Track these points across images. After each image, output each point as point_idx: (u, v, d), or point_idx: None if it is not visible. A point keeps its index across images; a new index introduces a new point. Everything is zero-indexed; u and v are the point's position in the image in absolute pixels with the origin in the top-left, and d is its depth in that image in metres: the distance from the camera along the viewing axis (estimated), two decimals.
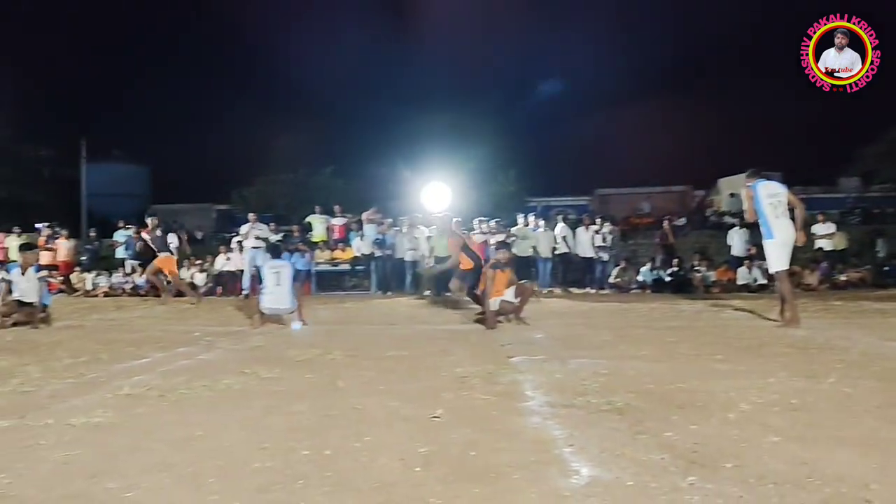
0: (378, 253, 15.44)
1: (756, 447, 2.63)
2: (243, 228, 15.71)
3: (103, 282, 16.86)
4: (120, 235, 18.32)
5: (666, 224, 17.08)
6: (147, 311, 10.73)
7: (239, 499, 2.14)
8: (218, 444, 2.79)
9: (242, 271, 15.71)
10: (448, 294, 13.33)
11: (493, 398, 3.62)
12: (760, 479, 2.26)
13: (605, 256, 15.27)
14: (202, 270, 17.16)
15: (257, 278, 12.23)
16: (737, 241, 15.41)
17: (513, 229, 15.30)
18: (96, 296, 16.04)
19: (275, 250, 8.31)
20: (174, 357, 5.31)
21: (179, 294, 12.73)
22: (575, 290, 15.00)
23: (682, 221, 22.66)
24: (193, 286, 11.38)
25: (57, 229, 18.29)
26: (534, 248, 15.08)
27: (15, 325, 7.76)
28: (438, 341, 6.15)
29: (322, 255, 16.44)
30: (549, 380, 4.12)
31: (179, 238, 12.27)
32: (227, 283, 16.58)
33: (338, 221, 17.25)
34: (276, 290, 7.60)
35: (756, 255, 13.76)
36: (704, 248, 17.75)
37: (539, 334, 6.61)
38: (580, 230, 15.59)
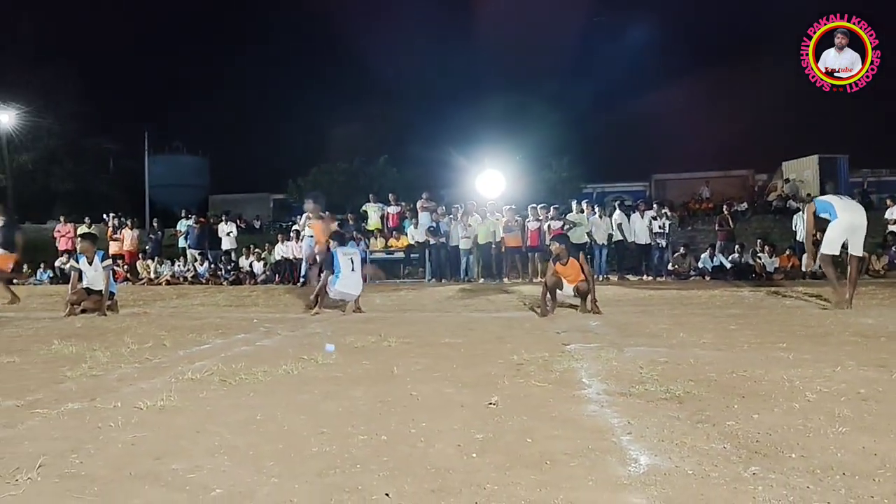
0: (432, 240, 15.50)
1: (822, 437, 2.54)
2: (301, 218, 15.95)
3: (166, 270, 17.42)
4: (182, 225, 18.87)
5: (726, 209, 16.65)
6: (207, 298, 11.03)
7: (298, 481, 2.17)
8: (277, 427, 2.84)
9: (300, 259, 16.00)
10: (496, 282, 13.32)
11: (549, 385, 3.59)
12: (827, 471, 2.18)
13: (663, 243, 14.99)
14: (260, 259, 17.54)
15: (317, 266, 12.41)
16: (801, 226, 14.93)
17: (568, 216, 15.15)
18: (159, 284, 16.59)
19: (341, 238, 8.41)
20: (234, 343, 5.44)
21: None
22: (631, 278, 14.79)
23: (743, 206, 22.04)
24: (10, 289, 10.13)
25: (122, 220, 18.93)
26: (589, 234, 14.92)
27: (84, 311, 8.08)
28: (493, 328, 6.14)
29: (376, 244, 16.60)
30: (605, 367, 4.06)
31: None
32: (283, 271, 16.93)
33: (392, 209, 17.38)
34: (351, 276, 7.76)
35: (822, 240, 13.31)
36: (767, 234, 17.26)
37: (595, 322, 6.53)
38: (636, 216, 15.33)
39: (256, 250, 17.83)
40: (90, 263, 8.24)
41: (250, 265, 17.35)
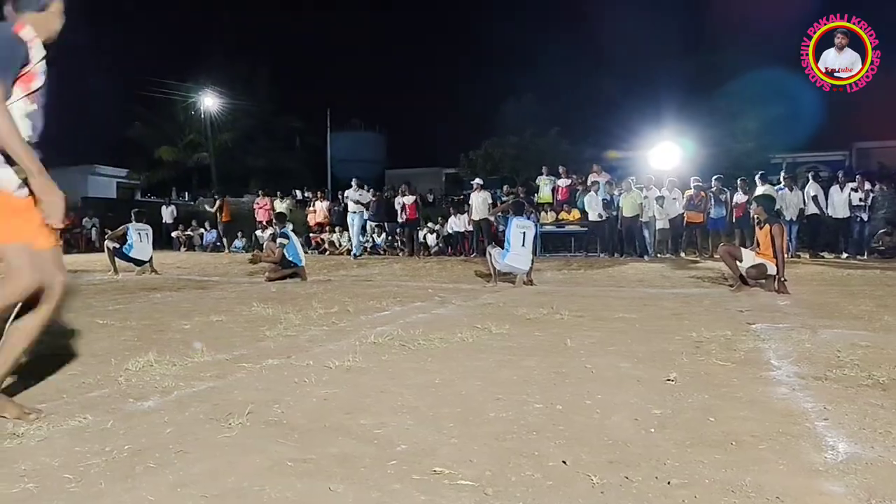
0: (605, 214, 15.10)
1: None
2: (473, 195, 16.26)
3: (346, 241, 18.44)
4: (365, 198, 19.90)
5: None
6: (385, 268, 11.57)
7: (477, 444, 2.25)
8: (455, 391, 2.95)
9: (472, 232, 16.38)
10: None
11: (732, 365, 3.41)
12: None
13: (864, 217, 13.52)
14: (432, 231, 18.08)
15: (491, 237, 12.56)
16: None
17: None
18: (341, 254, 17.61)
19: (519, 208, 8.43)
20: (411, 311, 5.68)
21: None
22: (827, 256, 13.56)
23: None
24: None
25: (312, 194, 20.27)
26: (778, 209, 13.77)
27: (281, 278, 8.86)
28: (670, 305, 5.92)
29: (547, 217, 16.49)
30: (797, 349, 3.78)
31: None
32: (455, 243, 17.35)
33: (563, 182, 17.14)
34: (521, 251, 7.76)
35: None
36: None
37: (784, 301, 6.08)
38: (834, 189, 13.89)
39: (430, 224, 18.40)
40: (274, 239, 9.18)
41: (424, 237, 17.95)
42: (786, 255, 7.42)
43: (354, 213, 15.55)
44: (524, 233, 7.77)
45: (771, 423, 2.41)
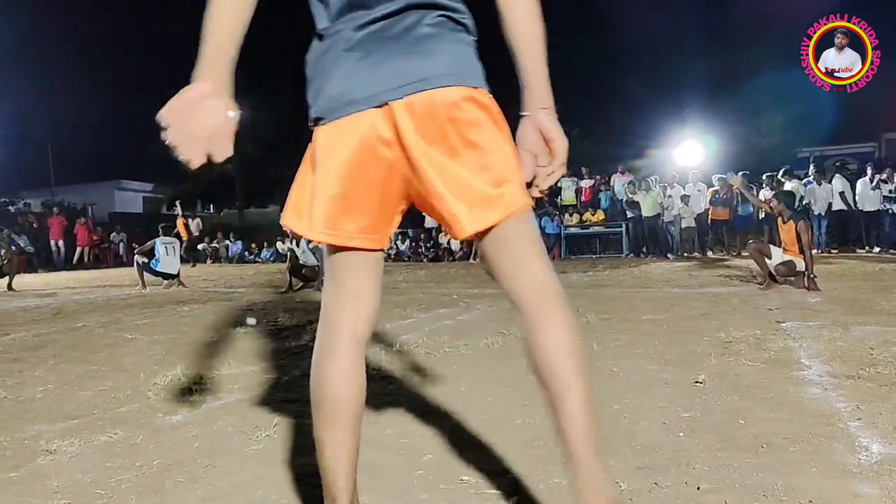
0: (629, 213, 15.00)
1: None
2: None
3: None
4: None
5: None
6: (409, 275, 11.59)
7: (504, 451, 2.23)
8: (482, 398, 2.94)
9: None
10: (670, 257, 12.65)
11: (761, 365, 3.36)
12: None
13: (895, 209, 13.26)
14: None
15: None
16: None
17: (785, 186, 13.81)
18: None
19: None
20: (436, 317, 5.68)
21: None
22: (858, 251, 13.32)
23: None
24: None
25: None
26: (806, 205, 13.56)
27: (303, 287, 8.91)
28: (697, 304, 5.85)
29: (571, 219, 16.41)
30: (828, 347, 3.72)
31: None
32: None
33: (585, 183, 17.07)
34: None
35: None
36: None
37: (815, 298, 5.98)
38: (863, 181, 13.64)
39: None
40: (297, 245, 9.08)
41: (448, 242, 17.97)
42: (815, 251, 7.32)
43: None
44: None
45: (802, 425, 2.37)
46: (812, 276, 6.55)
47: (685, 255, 14.25)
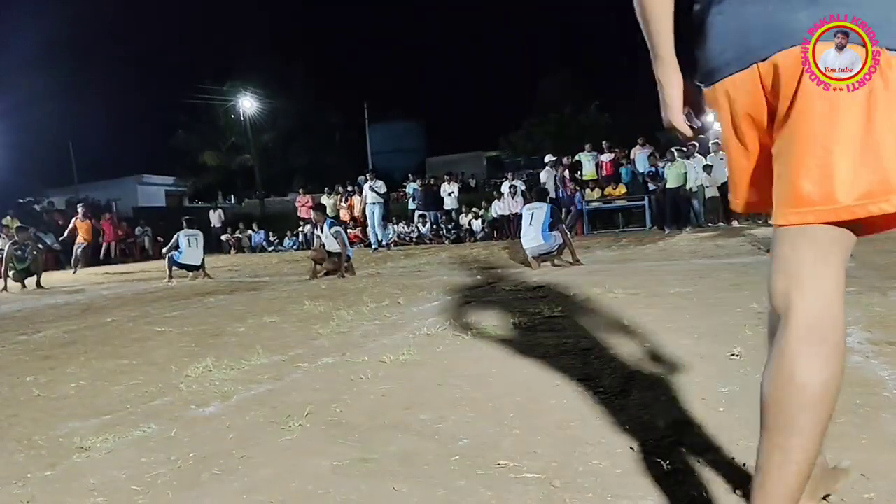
0: (652, 186, 14.81)
1: None
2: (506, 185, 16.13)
3: (391, 233, 18.52)
4: (409, 188, 20.04)
5: None
6: (432, 257, 11.56)
7: (540, 434, 2.20)
8: (513, 380, 2.90)
9: (517, 215, 16.25)
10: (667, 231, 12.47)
11: None
12: None
13: None
14: (477, 217, 18.01)
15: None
16: None
17: None
18: (386, 246, 17.68)
19: (542, 194, 8.50)
20: (461, 299, 5.64)
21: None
22: None
23: None
24: None
25: (350, 188, 20.44)
26: None
27: (327, 274, 8.90)
28: (726, 276, 5.75)
29: (593, 194, 16.26)
30: (866, 314, 3.62)
31: None
32: (501, 228, 17.27)
33: (606, 158, 16.88)
34: (528, 230, 7.84)
35: None
36: None
37: (849, 263, 5.84)
38: None
39: (473, 209, 18.34)
40: (321, 230, 9.05)
41: (469, 223, 17.91)
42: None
43: (374, 204, 15.35)
44: (532, 213, 7.97)
45: (847, 395, 2.30)
46: None
47: (710, 225, 14.05)
